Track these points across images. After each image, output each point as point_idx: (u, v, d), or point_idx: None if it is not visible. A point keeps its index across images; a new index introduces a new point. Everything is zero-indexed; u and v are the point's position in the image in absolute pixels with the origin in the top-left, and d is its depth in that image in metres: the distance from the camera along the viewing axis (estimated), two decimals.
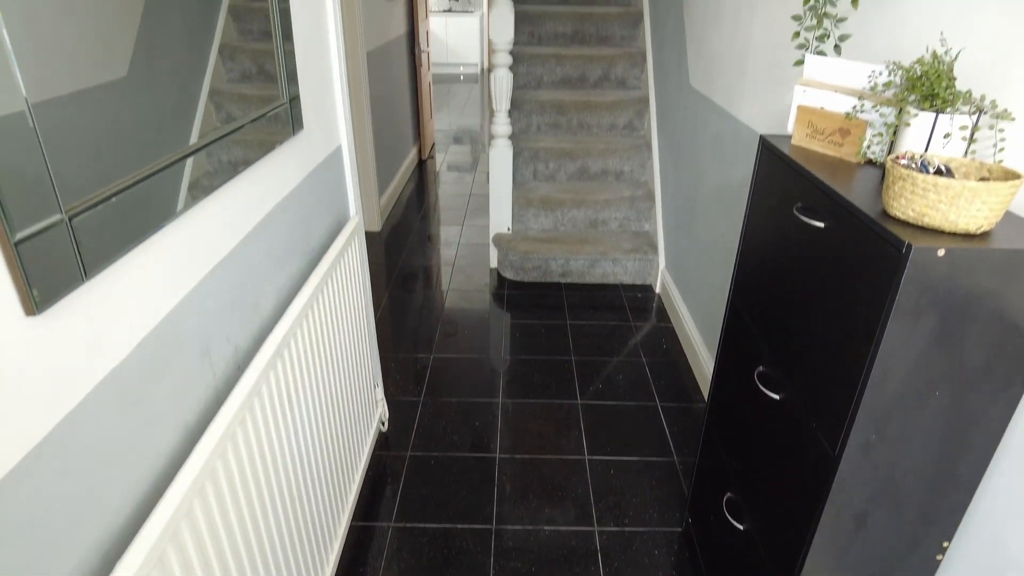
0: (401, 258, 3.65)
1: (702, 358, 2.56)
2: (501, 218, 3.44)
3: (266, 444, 1.18)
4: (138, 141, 0.86)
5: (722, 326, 1.53)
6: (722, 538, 1.53)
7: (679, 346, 2.84)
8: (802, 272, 1.14)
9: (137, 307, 0.88)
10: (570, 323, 3.00)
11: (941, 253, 0.84)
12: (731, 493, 1.47)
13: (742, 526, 1.39)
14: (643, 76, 3.78)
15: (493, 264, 3.53)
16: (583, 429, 2.32)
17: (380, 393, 2.24)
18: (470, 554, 1.82)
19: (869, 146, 1.14)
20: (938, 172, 0.93)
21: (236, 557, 1.06)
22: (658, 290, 3.30)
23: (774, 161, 1.25)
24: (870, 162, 1.16)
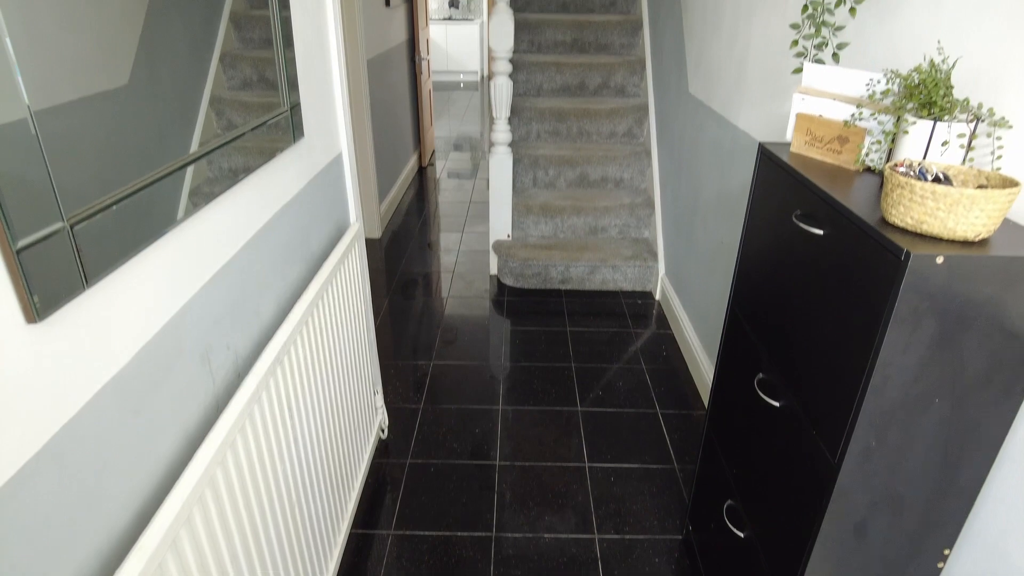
0: (401, 265, 3.65)
1: (702, 365, 2.55)
2: (501, 225, 3.44)
3: (266, 451, 1.18)
4: (139, 149, 0.86)
5: (722, 333, 1.53)
6: (723, 546, 1.53)
7: (679, 353, 2.84)
8: (802, 279, 1.14)
9: (137, 314, 0.88)
10: (570, 330, 3.00)
11: (940, 260, 0.84)
12: (731, 500, 1.46)
13: (742, 534, 1.39)
14: (642, 84, 3.79)
15: (493, 271, 3.53)
16: (583, 436, 2.31)
17: (380, 400, 2.23)
18: (470, 562, 1.81)
19: (868, 154, 1.14)
20: (936, 180, 0.94)
21: (235, 565, 1.06)
22: (658, 297, 3.30)
23: (773, 168, 1.26)
24: (869, 170, 1.16)
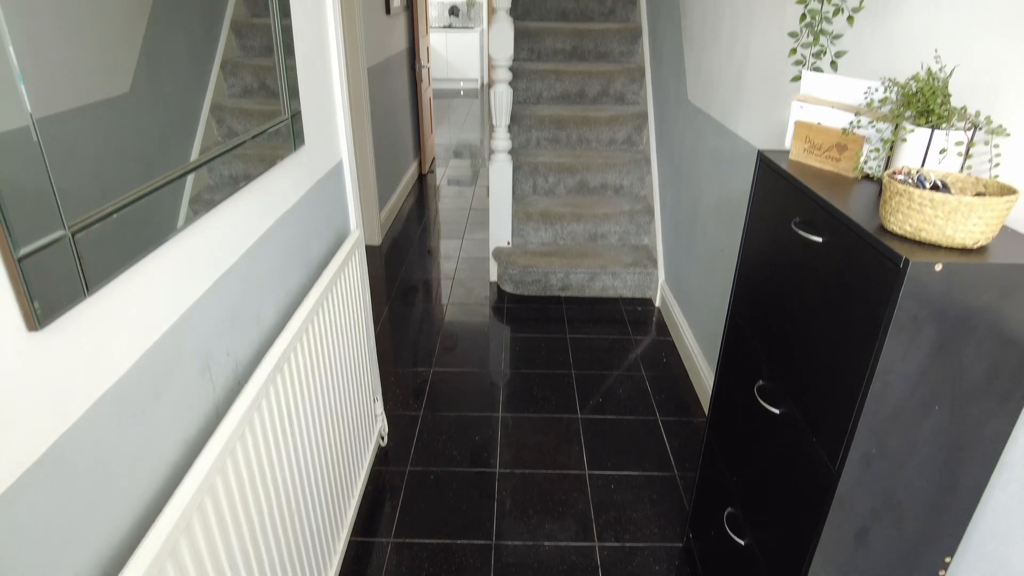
0: (401, 272, 3.66)
1: (702, 372, 2.55)
2: (501, 232, 3.45)
3: (265, 459, 1.18)
4: (140, 156, 0.86)
5: (722, 340, 1.53)
6: (723, 553, 1.52)
7: (679, 360, 2.83)
8: (801, 286, 1.14)
9: (138, 322, 0.88)
10: (570, 337, 3.00)
11: (939, 268, 0.84)
12: (732, 508, 1.46)
13: (743, 541, 1.39)
14: (642, 91, 3.81)
15: (493, 278, 3.53)
16: (583, 443, 2.31)
17: (380, 407, 2.23)
18: (470, 570, 1.81)
19: (866, 161, 1.15)
20: (934, 187, 0.94)
21: (235, 573, 1.05)
22: (658, 304, 3.30)
23: (772, 176, 1.26)
24: (867, 177, 1.17)
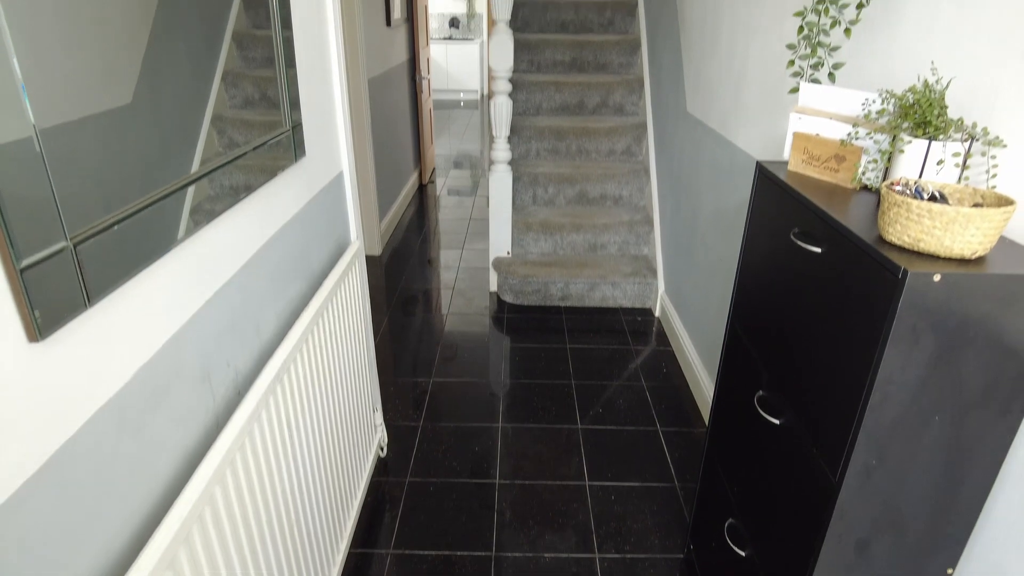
0: (401, 282, 3.66)
1: (702, 382, 2.55)
2: (501, 242, 3.45)
3: (265, 470, 1.17)
4: (142, 167, 0.87)
5: (722, 350, 1.53)
6: (724, 564, 1.51)
7: (679, 370, 2.83)
8: (800, 297, 1.14)
9: (139, 333, 0.88)
10: (570, 347, 3.00)
11: (937, 278, 0.84)
12: (732, 519, 1.45)
13: (744, 552, 1.38)
14: (641, 103, 3.83)
15: (493, 288, 3.54)
16: (583, 454, 2.30)
17: (379, 418, 2.23)
18: None
19: (864, 172, 1.15)
20: (932, 198, 0.95)
21: None
22: (658, 314, 3.30)
23: (771, 187, 1.27)
24: (865, 188, 1.17)
